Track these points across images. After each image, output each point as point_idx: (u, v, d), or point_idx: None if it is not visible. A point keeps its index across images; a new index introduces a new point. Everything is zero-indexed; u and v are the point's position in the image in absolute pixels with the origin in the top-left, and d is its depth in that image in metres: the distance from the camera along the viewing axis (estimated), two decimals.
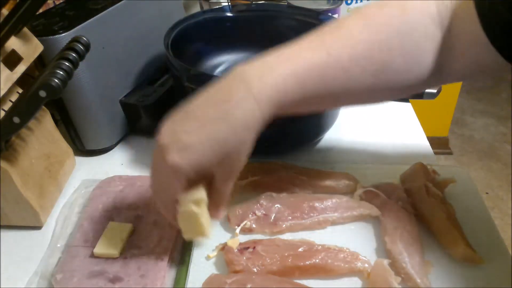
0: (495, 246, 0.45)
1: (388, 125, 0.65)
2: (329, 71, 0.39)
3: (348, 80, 0.40)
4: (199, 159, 0.37)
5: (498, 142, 2.12)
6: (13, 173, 0.45)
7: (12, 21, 0.42)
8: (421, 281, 0.41)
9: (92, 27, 0.54)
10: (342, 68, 0.40)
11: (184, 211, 0.41)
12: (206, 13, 0.68)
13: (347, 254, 0.43)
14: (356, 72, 0.40)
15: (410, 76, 0.42)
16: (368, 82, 0.41)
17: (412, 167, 0.52)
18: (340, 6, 0.75)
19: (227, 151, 0.38)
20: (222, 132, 0.37)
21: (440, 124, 1.98)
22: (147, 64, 0.65)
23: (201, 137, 0.37)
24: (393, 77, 0.42)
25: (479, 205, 0.50)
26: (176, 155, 0.37)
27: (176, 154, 0.37)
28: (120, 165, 0.60)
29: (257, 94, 0.37)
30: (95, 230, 0.46)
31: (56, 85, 0.39)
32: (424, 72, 0.42)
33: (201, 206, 0.42)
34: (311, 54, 0.39)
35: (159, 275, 0.42)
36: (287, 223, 0.48)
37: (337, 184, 0.52)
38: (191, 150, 0.37)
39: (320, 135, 0.61)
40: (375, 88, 0.42)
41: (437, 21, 0.41)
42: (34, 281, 0.43)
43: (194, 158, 0.37)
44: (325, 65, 0.39)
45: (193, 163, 0.37)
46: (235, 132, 0.37)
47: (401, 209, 0.48)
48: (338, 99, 0.43)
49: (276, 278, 0.42)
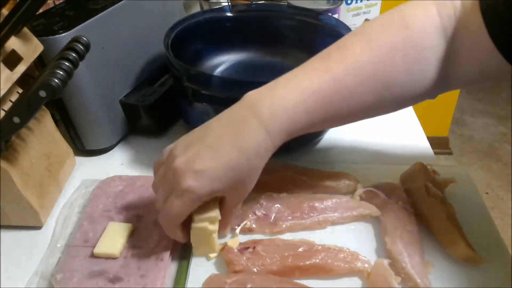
0: (495, 246, 0.45)
1: (388, 125, 0.65)
2: (336, 96, 0.41)
3: (354, 101, 0.42)
4: (213, 184, 0.39)
5: (498, 142, 2.12)
6: (13, 173, 0.45)
7: (12, 21, 0.42)
8: (421, 281, 0.41)
9: (92, 27, 0.54)
10: (348, 92, 0.41)
11: (199, 228, 0.42)
12: (206, 13, 0.68)
13: (347, 254, 0.43)
14: (362, 94, 0.42)
15: (415, 89, 0.43)
16: (374, 100, 0.42)
17: (412, 167, 0.52)
18: (340, 6, 0.75)
19: (240, 176, 0.40)
20: (236, 160, 0.39)
21: (440, 124, 1.98)
22: (147, 64, 0.65)
23: (217, 164, 0.39)
24: (398, 92, 0.43)
25: (479, 205, 0.50)
26: (191, 179, 0.39)
27: (191, 179, 0.39)
28: (120, 165, 0.60)
29: (268, 127, 0.40)
30: (95, 230, 0.46)
31: (56, 85, 0.39)
32: (430, 83, 0.43)
33: (215, 224, 0.43)
34: (317, 82, 0.41)
35: (159, 275, 0.42)
36: (287, 223, 0.48)
37: (337, 184, 0.52)
38: (206, 175, 0.39)
39: (320, 135, 0.61)
40: (380, 104, 0.43)
41: (440, 32, 0.41)
42: (34, 281, 0.43)
43: (209, 183, 0.39)
44: (332, 91, 0.41)
45: (207, 188, 0.39)
46: (249, 160, 0.40)
47: (401, 209, 0.48)
48: (345, 119, 0.45)
49: (276, 278, 0.42)
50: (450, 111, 1.93)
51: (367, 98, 0.42)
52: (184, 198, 0.39)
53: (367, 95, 0.42)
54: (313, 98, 0.41)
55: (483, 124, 2.24)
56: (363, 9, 0.83)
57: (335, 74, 0.41)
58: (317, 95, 0.41)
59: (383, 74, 0.41)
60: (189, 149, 0.40)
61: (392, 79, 0.42)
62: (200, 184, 0.39)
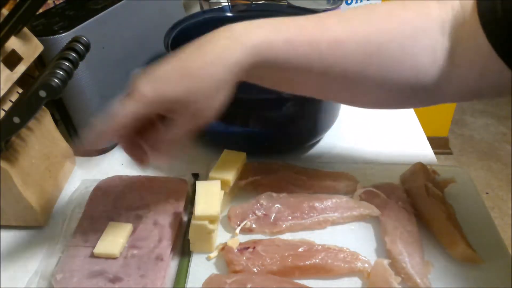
0: (495, 246, 0.45)
1: (388, 125, 0.65)
2: (322, 39, 0.38)
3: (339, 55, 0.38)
4: (164, 87, 0.36)
5: (498, 142, 2.12)
6: (13, 173, 0.45)
7: (12, 21, 0.42)
8: (421, 281, 0.41)
9: (92, 27, 0.54)
10: (335, 40, 0.38)
11: (198, 225, 0.43)
12: (206, 13, 0.68)
13: (347, 254, 0.43)
14: (349, 48, 0.38)
15: (404, 71, 0.40)
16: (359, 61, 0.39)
17: (412, 167, 0.52)
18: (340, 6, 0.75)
19: (196, 87, 0.36)
20: (193, 63, 0.36)
21: (440, 124, 1.98)
22: (147, 64, 0.65)
23: (172, 67, 0.37)
24: (385, 65, 0.40)
25: (479, 205, 0.50)
26: (144, 82, 0.36)
27: (145, 81, 0.37)
28: (120, 165, 0.60)
29: (240, 37, 0.36)
30: (95, 230, 0.46)
31: (56, 85, 0.39)
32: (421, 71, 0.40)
33: (215, 223, 0.43)
34: (304, 22, 0.39)
35: (159, 275, 0.42)
36: (287, 223, 0.48)
37: (337, 184, 0.52)
38: (160, 77, 0.37)
39: (320, 135, 0.61)
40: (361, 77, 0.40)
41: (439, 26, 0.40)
42: (34, 281, 0.43)
43: (160, 86, 0.36)
44: (318, 33, 0.38)
45: (158, 91, 0.36)
46: (206, 65, 0.36)
47: (401, 209, 0.48)
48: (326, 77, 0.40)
49: (276, 278, 0.42)
50: (450, 111, 1.93)
51: (352, 55, 0.39)
52: (134, 99, 0.36)
53: (354, 51, 0.38)
54: (297, 30, 0.37)
55: (483, 124, 2.24)
56: None
57: (325, 21, 0.39)
58: (302, 29, 0.37)
59: (376, 33, 0.39)
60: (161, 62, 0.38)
61: (384, 45, 0.39)
62: (151, 86, 0.36)
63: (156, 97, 0.36)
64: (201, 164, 0.56)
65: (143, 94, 0.36)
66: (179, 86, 0.36)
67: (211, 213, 0.43)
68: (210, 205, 0.43)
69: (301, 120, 0.55)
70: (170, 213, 0.48)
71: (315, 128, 0.60)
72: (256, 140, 0.57)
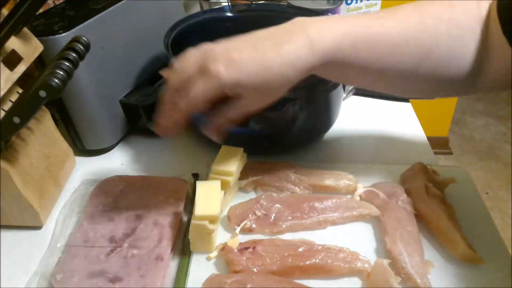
0: (495, 246, 0.45)
1: (388, 125, 0.65)
2: (382, 44, 0.42)
3: (396, 57, 0.42)
4: (241, 76, 0.39)
5: (498, 142, 2.12)
6: (13, 173, 0.45)
7: (12, 21, 0.42)
8: (421, 281, 0.41)
9: (92, 27, 0.54)
10: (393, 44, 0.42)
11: (198, 225, 0.42)
12: (206, 13, 0.68)
13: (347, 254, 0.43)
14: (404, 51, 0.42)
15: (451, 69, 0.43)
16: (412, 64, 0.43)
17: (412, 167, 0.52)
18: (340, 6, 0.75)
19: (269, 79, 0.39)
20: (271, 61, 0.39)
21: (440, 124, 1.98)
22: (147, 64, 0.65)
23: (252, 58, 0.39)
24: (434, 66, 0.43)
25: (479, 205, 0.50)
26: (221, 64, 0.38)
27: (222, 64, 0.38)
28: (120, 165, 0.60)
29: (314, 45, 0.40)
30: (95, 230, 0.46)
31: (56, 85, 0.39)
32: (464, 69, 0.43)
33: (215, 224, 0.43)
34: (367, 23, 0.42)
35: (159, 275, 0.42)
36: (287, 223, 0.48)
37: (337, 184, 0.52)
38: (238, 64, 0.39)
39: (320, 135, 0.61)
40: (417, 73, 0.43)
41: (478, 20, 0.42)
42: (34, 281, 0.43)
43: (237, 73, 0.39)
44: (380, 37, 0.42)
45: (234, 77, 0.39)
46: (283, 66, 0.39)
47: (401, 209, 0.48)
48: (382, 76, 0.44)
49: (276, 278, 0.42)
50: (450, 111, 1.93)
51: (407, 58, 0.42)
52: (208, 81, 0.39)
53: (408, 55, 0.42)
54: (362, 35, 0.41)
55: (483, 124, 2.24)
56: (363, 9, 0.83)
57: (384, 22, 0.42)
58: (366, 33, 0.41)
59: (427, 38, 0.42)
60: (230, 42, 0.41)
61: (434, 47, 0.42)
62: (228, 71, 0.38)
63: (233, 82, 0.39)
64: (201, 164, 0.56)
65: (219, 77, 0.38)
66: (257, 79, 0.39)
67: (211, 213, 0.43)
68: (210, 205, 0.43)
69: (301, 120, 0.55)
70: (170, 213, 0.48)
71: (315, 128, 0.60)
72: (256, 140, 0.57)
